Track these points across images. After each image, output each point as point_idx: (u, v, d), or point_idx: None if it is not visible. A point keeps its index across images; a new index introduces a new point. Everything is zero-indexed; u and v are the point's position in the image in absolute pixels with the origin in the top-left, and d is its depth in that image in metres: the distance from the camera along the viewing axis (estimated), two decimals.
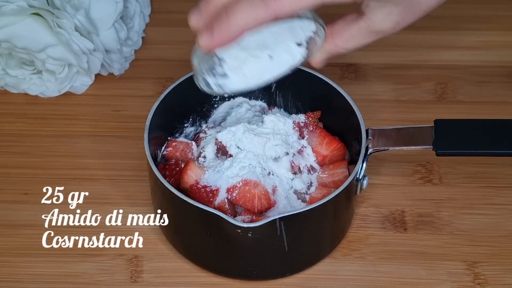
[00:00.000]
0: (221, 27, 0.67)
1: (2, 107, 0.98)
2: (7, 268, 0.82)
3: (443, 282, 0.82)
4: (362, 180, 0.80)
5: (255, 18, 0.67)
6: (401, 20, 0.73)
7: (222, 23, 0.67)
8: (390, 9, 0.72)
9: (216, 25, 0.68)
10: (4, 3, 0.94)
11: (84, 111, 0.98)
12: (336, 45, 0.76)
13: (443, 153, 0.80)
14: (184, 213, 0.78)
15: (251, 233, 0.74)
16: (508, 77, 1.01)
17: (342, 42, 0.76)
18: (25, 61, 0.97)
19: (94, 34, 0.96)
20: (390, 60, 1.02)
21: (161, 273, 0.82)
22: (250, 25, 0.67)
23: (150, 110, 0.82)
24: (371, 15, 0.73)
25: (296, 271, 0.82)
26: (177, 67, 1.01)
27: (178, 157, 0.85)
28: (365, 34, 0.74)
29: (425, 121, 0.83)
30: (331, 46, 0.76)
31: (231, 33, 0.67)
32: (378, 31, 0.74)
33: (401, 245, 0.84)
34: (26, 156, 0.92)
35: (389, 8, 0.72)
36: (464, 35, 1.05)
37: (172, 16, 1.08)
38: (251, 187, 0.78)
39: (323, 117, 0.87)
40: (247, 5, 0.67)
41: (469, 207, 0.88)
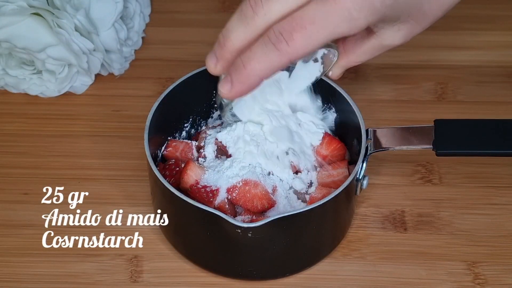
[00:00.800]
0: (239, 77, 0.68)
1: (2, 107, 0.98)
2: (7, 268, 0.82)
3: (443, 282, 0.81)
4: (362, 180, 0.80)
5: (271, 65, 0.68)
6: (410, 33, 0.75)
7: (239, 73, 0.68)
8: (398, 27, 0.74)
9: (235, 76, 0.68)
10: (4, 3, 0.94)
11: (84, 111, 0.98)
12: (350, 60, 0.80)
13: (443, 153, 0.80)
14: (184, 213, 0.78)
15: (251, 233, 0.74)
16: (508, 77, 1.01)
17: (355, 57, 0.79)
18: (25, 61, 0.97)
19: (94, 34, 0.96)
20: (390, 60, 1.02)
21: (161, 273, 0.82)
22: (267, 72, 0.68)
23: (150, 110, 0.82)
24: (381, 34, 0.76)
25: (296, 271, 0.82)
26: (177, 67, 1.01)
27: (178, 157, 0.85)
28: (377, 48, 0.78)
29: (425, 121, 0.83)
30: (345, 61, 0.80)
31: (249, 82, 0.69)
32: (388, 45, 0.77)
33: (401, 245, 0.84)
34: (26, 156, 0.92)
35: (397, 26, 0.74)
36: (464, 35, 1.05)
37: (172, 16, 1.08)
38: (251, 187, 0.78)
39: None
40: (261, 52, 0.67)
41: (469, 207, 0.88)
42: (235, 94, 0.70)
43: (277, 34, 0.67)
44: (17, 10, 0.93)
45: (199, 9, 1.09)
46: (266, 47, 0.67)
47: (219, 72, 0.71)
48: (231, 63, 0.69)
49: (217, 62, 0.70)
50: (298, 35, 0.66)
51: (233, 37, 0.69)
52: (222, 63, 0.70)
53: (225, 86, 0.69)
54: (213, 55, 0.71)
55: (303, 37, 0.67)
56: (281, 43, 0.67)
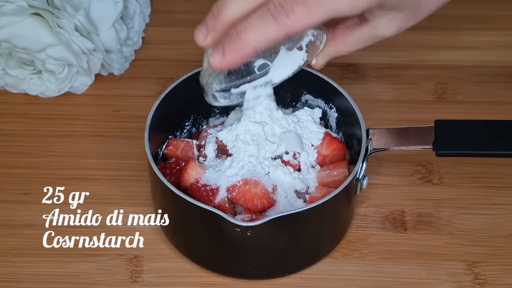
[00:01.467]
0: (232, 47, 0.67)
1: (2, 107, 0.98)
2: (7, 268, 0.82)
3: (443, 282, 0.82)
4: (362, 180, 0.80)
5: (267, 36, 0.66)
6: (403, 25, 0.74)
7: (233, 42, 0.67)
8: (394, 16, 0.73)
9: (227, 44, 0.67)
10: (4, 3, 0.94)
11: (84, 111, 0.98)
12: (338, 48, 0.77)
13: (443, 153, 0.80)
14: (184, 212, 0.78)
15: (250, 232, 0.74)
16: (508, 77, 1.01)
17: (344, 47, 0.77)
18: (25, 61, 0.97)
19: (94, 34, 0.96)
20: (390, 60, 1.02)
21: (161, 273, 0.82)
22: (262, 43, 0.67)
23: (150, 110, 0.82)
24: (375, 22, 0.74)
25: (296, 271, 0.82)
26: (177, 67, 1.01)
27: (179, 155, 0.85)
28: (368, 38, 0.76)
29: (425, 121, 0.83)
30: (332, 49, 0.78)
31: (243, 52, 0.67)
32: (380, 36, 0.75)
33: (401, 245, 0.84)
34: (26, 156, 0.92)
35: (393, 15, 0.73)
36: (464, 35, 1.05)
37: (172, 16, 1.08)
38: (251, 186, 0.78)
39: (323, 117, 0.88)
40: (258, 22, 0.66)
41: (469, 207, 0.88)
42: (225, 65, 0.68)
43: (277, 5, 0.66)
44: (17, 10, 0.93)
45: (199, 9, 1.09)
46: (264, 18, 0.66)
47: (208, 44, 0.69)
48: (222, 36, 0.68)
49: (207, 33, 0.69)
50: (299, 9, 0.66)
51: (230, 8, 0.67)
52: (213, 34, 0.68)
53: (216, 56, 0.68)
54: (203, 26, 0.69)
55: (303, 11, 0.66)
56: (281, 15, 0.66)
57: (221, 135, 0.82)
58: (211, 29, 0.69)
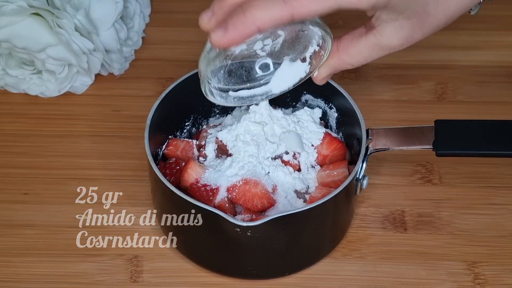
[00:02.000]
0: (236, 23, 0.66)
1: (2, 107, 0.98)
2: (7, 268, 0.82)
3: (443, 282, 0.82)
4: (362, 180, 0.80)
5: (272, 16, 0.66)
6: (409, 36, 0.73)
7: (237, 19, 0.66)
8: (400, 23, 0.72)
9: (231, 21, 0.67)
10: (4, 3, 0.94)
11: (84, 111, 0.98)
12: (342, 60, 0.76)
13: (443, 153, 0.80)
14: (183, 212, 0.78)
15: (250, 232, 0.74)
16: (508, 77, 1.01)
17: (348, 58, 0.75)
18: (25, 61, 0.97)
19: (94, 34, 0.96)
20: (390, 60, 1.02)
21: (161, 273, 0.82)
22: (266, 23, 0.66)
23: (150, 110, 0.82)
24: (381, 28, 0.73)
25: (296, 271, 0.82)
26: (177, 67, 1.01)
27: (179, 155, 0.85)
28: (373, 49, 0.74)
29: (425, 121, 0.83)
30: (336, 61, 0.76)
31: (246, 29, 0.66)
32: (386, 46, 0.74)
33: (401, 245, 0.84)
34: (26, 156, 0.92)
35: (399, 22, 0.72)
36: (464, 35, 1.05)
37: (172, 16, 1.08)
38: (251, 186, 0.78)
39: (323, 117, 0.88)
40: (265, 1, 0.66)
41: (469, 207, 0.88)
42: (227, 42, 0.67)
43: None
44: (17, 10, 0.93)
45: (199, 9, 1.08)
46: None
47: (211, 26, 0.69)
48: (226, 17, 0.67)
49: (212, 16, 0.68)
50: None
51: None
52: (218, 16, 0.68)
53: (218, 32, 0.67)
54: (209, 10, 0.69)
55: None
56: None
57: (221, 135, 0.82)
58: (217, 10, 0.68)
